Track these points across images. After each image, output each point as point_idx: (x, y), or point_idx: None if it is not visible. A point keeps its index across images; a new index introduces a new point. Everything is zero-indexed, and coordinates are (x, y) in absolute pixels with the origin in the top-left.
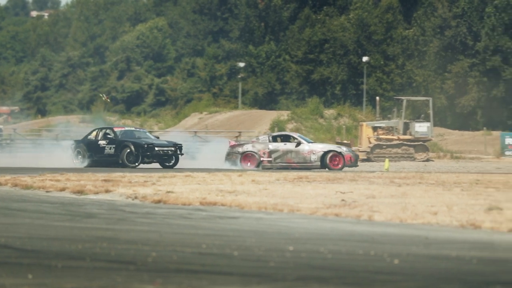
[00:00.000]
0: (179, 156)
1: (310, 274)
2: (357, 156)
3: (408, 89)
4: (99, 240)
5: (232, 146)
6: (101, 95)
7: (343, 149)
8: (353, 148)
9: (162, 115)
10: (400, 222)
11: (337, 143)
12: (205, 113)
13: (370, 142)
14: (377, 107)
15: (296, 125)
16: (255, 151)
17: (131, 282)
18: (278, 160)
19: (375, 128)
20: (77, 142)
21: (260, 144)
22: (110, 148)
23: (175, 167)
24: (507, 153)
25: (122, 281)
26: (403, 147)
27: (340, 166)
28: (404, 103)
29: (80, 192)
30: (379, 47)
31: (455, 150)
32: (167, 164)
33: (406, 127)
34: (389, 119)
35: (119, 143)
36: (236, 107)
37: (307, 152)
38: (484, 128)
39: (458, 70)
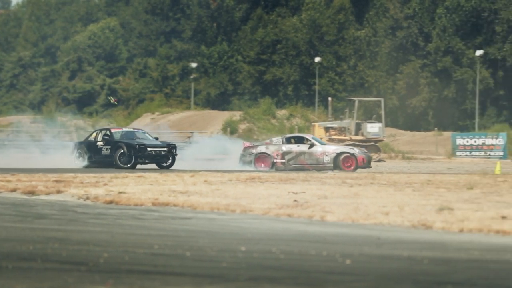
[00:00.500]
0: (175, 156)
1: (262, 274)
2: (369, 158)
3: (360, 89)
4: (51, 241)
5: (246, 148)
6: (109, 97)
7: (356, 151)
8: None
9: (114, 116)
10: (352, 223)
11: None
12: (157, 113)
13: None
14: (329, 108)
15: (248, 126)
16: (269, 152)
17: (83, 283)
18: (291, 162)
19: (327, 129)
20: (79, 143)
21: (274, 145)
22: (107, 149)
23: (172, 167)
24: (458, 153)
25: (73, 282)
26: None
27: (352, 167)
28: (356, 103)
29: (31, 193)
30: (331, 48)
31: (407, 150)
32: (163, 164)
33: (358, 128)
34: (341, 119)
35: (113, 144)
36: (188, 108)
37: (320, 154)
38: (436, 128)
39: (409, 70)
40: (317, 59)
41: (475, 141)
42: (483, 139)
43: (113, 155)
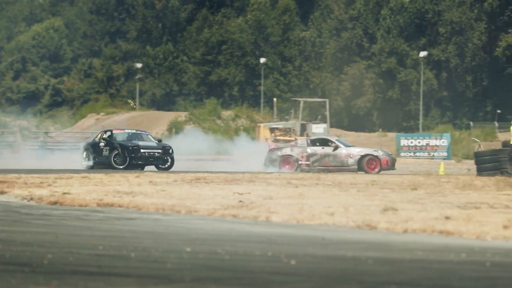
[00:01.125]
0: (173, 159)
1: (207, 275)
2: (393, 160)
3: (305, 90)
4: None
5: (272, 150)
6: (129, 101)
7: (380, 153)
8: (250, 150)
9: (59, 116)
10: (297, 223)
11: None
12: (102, 114)
13: (268, 143)
14: (275, 108)
15: (193, 126)
16: (294, 154)
17: (26, 284)
18: (316, 164)
19: (272, 129)
20: (87, 144)
21: (299, 148)
22: (106, 150)
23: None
24: (402, 154)
25: (17, 283)
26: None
27: (376, 169)
28: (301, 104)
29: None
30: (276, 49)
31: None
32: (161, 166)
33: (303, 128)
34: (286, 120)
35: (111, 145)
36: (133, 108)
37: (345, 156)
38: (380, 129)
39: (354, 71)
40: (262, 60)
41: (419, 142)
42: (427, 140)
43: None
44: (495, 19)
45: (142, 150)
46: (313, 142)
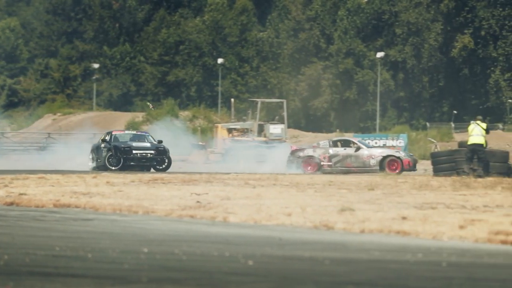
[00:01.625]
0: (170, 159)
1: (165, 275)
2: (415, 161)
3: (263, 91)
4: None
5: (294, 151)
6: (148, 103)
7: (401, 154)
8: (208, 150)
9: (15, 116)
10: (254, 224)
11: (193, 144)
12: (59, 114)
13: (225, 144)
14: (232, 109)
15: (151, 127)
16: (316, 155)
17: None
18: (338, 165)
19: (230, 130)
20: (93, 145)
21: (321, 149)
22: (105, 151)
23: (167, 170)
24: None
25: None
26: (258, 149)
27: (398, 170)
28: (259, 105)
29: None
30: (234, 49)
31: None
32: (158, 167)
33: (261, 129)
34: (244, 120)
35: (108, 146)
36: (90, 109)
37: (366, 157)
38: (337, 130)
39: (311, 72)
40: (219, 60)
41: (376, 142)
42: (384, 140)
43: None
44: (451, 20)
45: (134, 151)
46: (335, 143)
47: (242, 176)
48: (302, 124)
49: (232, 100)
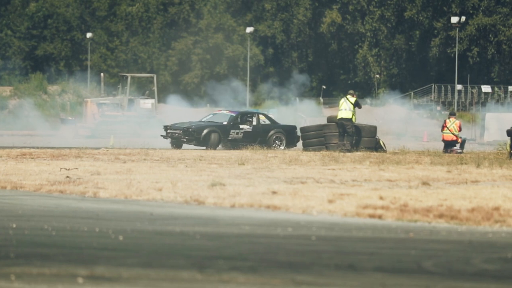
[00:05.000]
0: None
1: (33, 251)
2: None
3: (133, 65)
4: None
5: None
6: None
7: None
8: (78, 125)
9: None
10: (125, 199)
11: (62, 119)
12: None
13: (95, 119)
14: (102, 84)
15: (19, 101)
16: None
17: None
18: None
19: (100, 105)
20: None
21: None
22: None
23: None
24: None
25: None
26: (128, 124)
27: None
28: (129, 79)
29: None
30: (103, 24)
31: None
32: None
33: (131, 104)
34: (114, 95)
35: None
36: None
37: None
38: (208, 105)
39: (181, 47)
40: (88, 35)
41: None
42: None
43: None
44: None
45: (169, 130)
46: None
47: (112, 151)
48: (173, 99)
49: (102, 74)
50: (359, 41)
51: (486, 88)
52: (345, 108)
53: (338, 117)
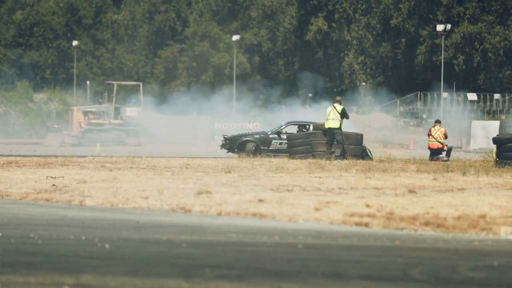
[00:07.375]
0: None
1: (19, 260)
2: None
3: (119, 73)
4: None
5: None
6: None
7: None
8: (64, 133)
9: None
10: (111, 207)
11: (48, 127)
12: None
13: (81, 127)
14: (88, 92)
15: (5, 109)
16: None
17: None
18: None
19: (86, 113)
20: None
21: None
22: None
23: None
24: (216, 137)
25: None
26: (115, 132)
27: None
28: (115, 87)
29: None
30: (89, 32)
31: (167, 134)
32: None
33: (117, 112)
34: (100, 103)
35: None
36: None
37: None
38: (194, 112)
39: (168, 55)
40: (74, 43)
41: (233, 125)
42: (240, 123)
43: None
44: (306, 4)
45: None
46: None
47: (99, 159)
48: (159, 107)
49: (88, 82)
50: (345, 49)
51: (472, 96)
52: (332, 117)
53: (326, 126)
